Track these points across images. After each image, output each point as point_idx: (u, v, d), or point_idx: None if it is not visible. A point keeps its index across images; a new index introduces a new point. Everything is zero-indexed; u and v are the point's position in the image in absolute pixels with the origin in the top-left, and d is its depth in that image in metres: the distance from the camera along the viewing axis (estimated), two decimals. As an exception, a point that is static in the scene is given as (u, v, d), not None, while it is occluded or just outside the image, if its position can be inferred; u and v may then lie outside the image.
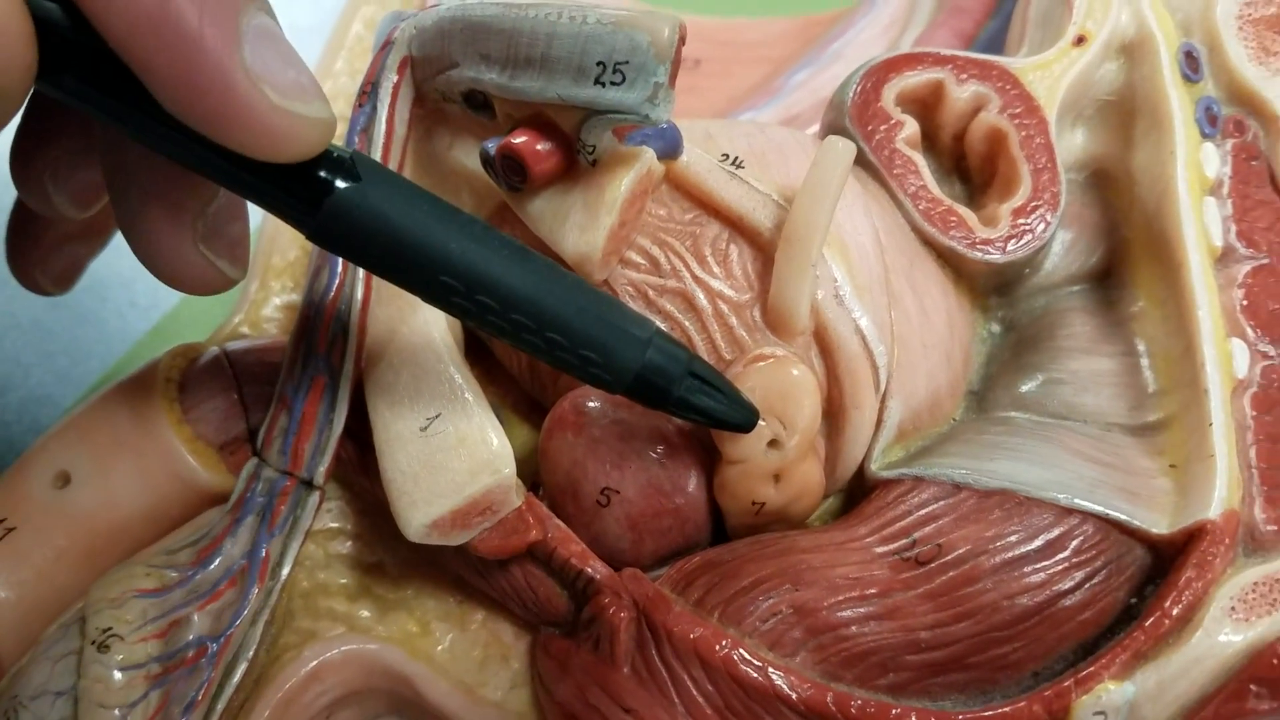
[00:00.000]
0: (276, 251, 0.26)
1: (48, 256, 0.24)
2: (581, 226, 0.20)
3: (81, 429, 0.23)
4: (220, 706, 0.21)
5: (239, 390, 0.23)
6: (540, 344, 0.19)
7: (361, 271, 0.22)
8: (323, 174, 0.18)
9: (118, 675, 0.19)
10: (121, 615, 0.20)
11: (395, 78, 0.22)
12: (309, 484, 0.22)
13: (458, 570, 0.22)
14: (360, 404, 0.22)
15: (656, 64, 0.19)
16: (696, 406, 0.20)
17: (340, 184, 0.18)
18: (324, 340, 0.22)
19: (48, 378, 0.34)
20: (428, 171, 0.23)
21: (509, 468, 0.20)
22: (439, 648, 0.23)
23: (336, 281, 0.22)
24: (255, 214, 0.22)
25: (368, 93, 0.22)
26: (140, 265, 0.21)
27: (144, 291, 0.36)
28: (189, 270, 0.20)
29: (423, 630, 0.23)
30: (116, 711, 0.19)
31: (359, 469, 0.23)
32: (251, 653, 0.21)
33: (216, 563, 0.21)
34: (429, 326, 0.22)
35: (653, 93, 0.19)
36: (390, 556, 0.23)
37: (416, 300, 0.23)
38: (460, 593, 0.23)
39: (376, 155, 0.22)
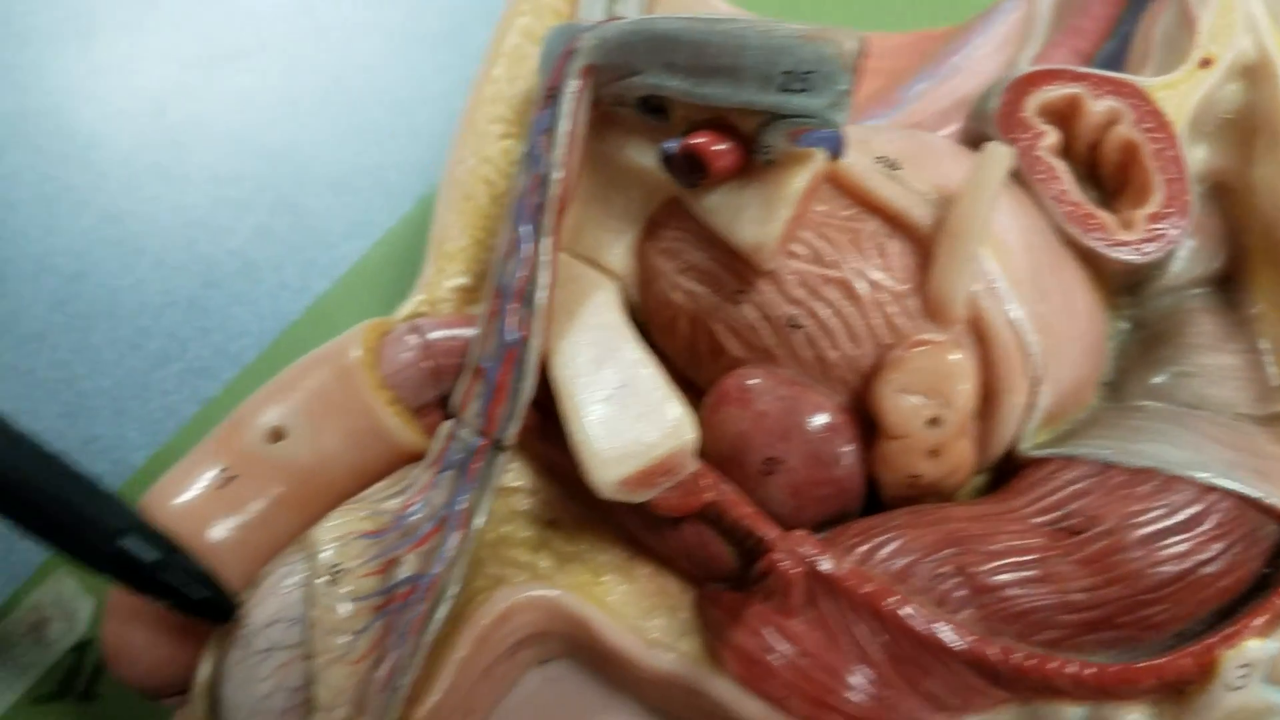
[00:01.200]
0: (449, 239, 0.28)
1: None
2: (759, 219, 0.22)
3: (292, 390, 0.25)
4: (427, 639, 0.23)
5: (432, 360, 0.25)
6: (26, 521, 0.21)
7: (545, 259, 0.24)
8: None
9: (348, 606, 0.22)
10: (347, 553, 0.22)
11: (578, 83, 0.24)
12: (499, 445, 0.24)
13: (629, 528, 0.25)
14: (544, 376, 0.24)
15: (843, 73, 0.21)
16: (171, 591, 0.22)
17: None
18: (515, 317, 0.24)
19: (205, 352, 0.37)
20: (597, 169, 0.25)
21: (691, 434, 0.22)
22: (610, 597, 0.25)
23: (525, 268, 0.24)
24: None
25: (551, 97, 0.24)
26: (289, 251, 0.24)
27: (293, 275, 0.38)
28: None
29: (596, 581, 0.25)
30: (349, 637, 0.22)
31: (539, 435, 0.25)
32: (453, 592, 0.23)
33: (422, 512, 0.24)
34: (607, 308, 0.25)
35: (836, 99, 0.21)
36: (565, 514, 0.26)
37: (595, 283, 0.25)
38: (629, 549, 0.25)
39: (559, 154, 0.24)
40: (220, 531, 0.23)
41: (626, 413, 0.23)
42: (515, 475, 0.25)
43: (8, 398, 0.36)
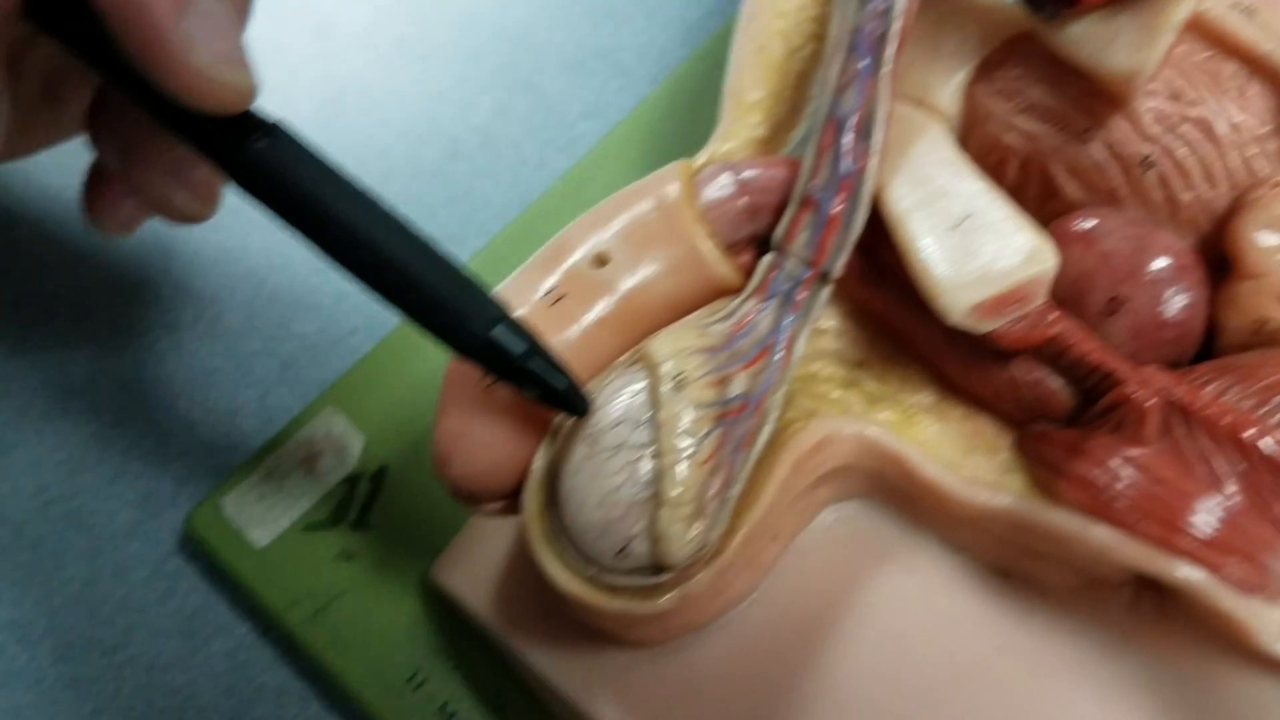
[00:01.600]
0: (746, 90, 0.29)
1: (115, 205, 0.29)
2: (1136, 45, 0.22)
3: (613, 220, 0.25)
4: (754, 454, 0.23)
5: (747, 197, 0.26)
6: (406, 302, 0.22)
7: (884, 92, 0.24)
8: (245, 131, 0.22)
9: (692, 411, 0.22)
10: (689, 364, 0.23)
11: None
12: (825, 276, 0.24)
13: (946, 368, 0.25)
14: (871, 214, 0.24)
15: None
16: (537, 381, 0.22)
17: (257, 142, 0.22)
18: (852, 149, 0.24)
19: (451, 221, 0.38)
20: (928, 8, 0.25)
21: (1052, 261, 0.22)
22: (923, 436, 0.25)
23: (861, 101, 0.24)
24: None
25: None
26: (528, 129, 0.25)
27: (532, 152, 0.39)
28: (156, 199, 0.25)
29: (908, 421, 0.25)
30: (693, 440, 0.22)
31: (856, 275, 0.25)
32: (775, 415, 0.24)
33: (749, 336, 0.24)
34: (941, 144, 0.25)
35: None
36: (873, 356, 0.26)
37: (924, 122, 0.26)
38: (940, 391, 0.25)
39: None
40: (553, 344, 0.24)
41: (974, 241, 0.23)
42: (824, 316, 0.26)
43: (261, 253, 0.37)
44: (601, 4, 0.41)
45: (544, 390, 0.23)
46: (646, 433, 0.22)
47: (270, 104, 0.39)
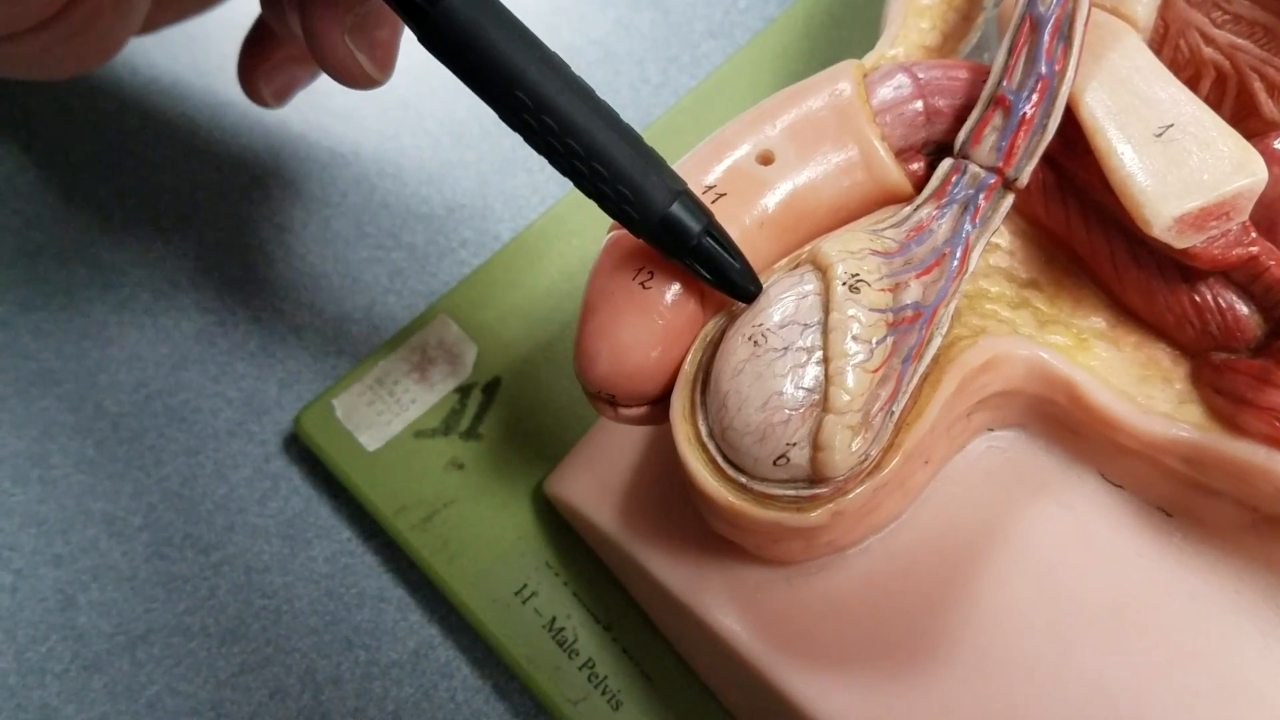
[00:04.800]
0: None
1: (272, 72, 0.29)
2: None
3: (780, 116, 0.24)
4: (922, 368, 0.22)
5: (924, 99, 0.24)
6: (585, 170, 0.21)
7: (1085, -3, 0.23)
8: None
9: (868, 314, 0.21)
10: (863, 266, 0.21)
11: None
12: (1010, 183, 0.23)
13: (1122, 289, 0.23)
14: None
15: None
16: (712, 260, 0.21)
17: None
18: (1049, 49, 0.23)
19: (567, 135, 0.37)
20: None
21: (1263, 172, 0.21)
22: (1094, 362, 0.23)
23: (1060, 0, 0.23)
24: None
25: None
26: (650, 46, 0.23)
27: (654, 71, 0.37)
28: (335, 59, 0.23)
29: (1079, 345, 0.24)
30: (866, 345, 0.21)
31: (1038, 188, 0.24)
32: (945, 329, 0.22)
33: (926, 243, 0.23)
34: (1137, 51, 0.23)
35: None
36: (1043, 276, 0.24)
37: (1119, 29, 0.24)
38: (1113, 316, 0.24)
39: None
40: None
41: (1178, 150, 0.21)
42: (996, 232, 0.24)
43: (372, 160, 0.36)
44: (731, -78, 0.39)
45: (717, 272, 0.21)
46: (815, 335, 0.21)
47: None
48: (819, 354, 0.21)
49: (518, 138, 0.36)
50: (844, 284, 0.21)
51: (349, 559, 0.30)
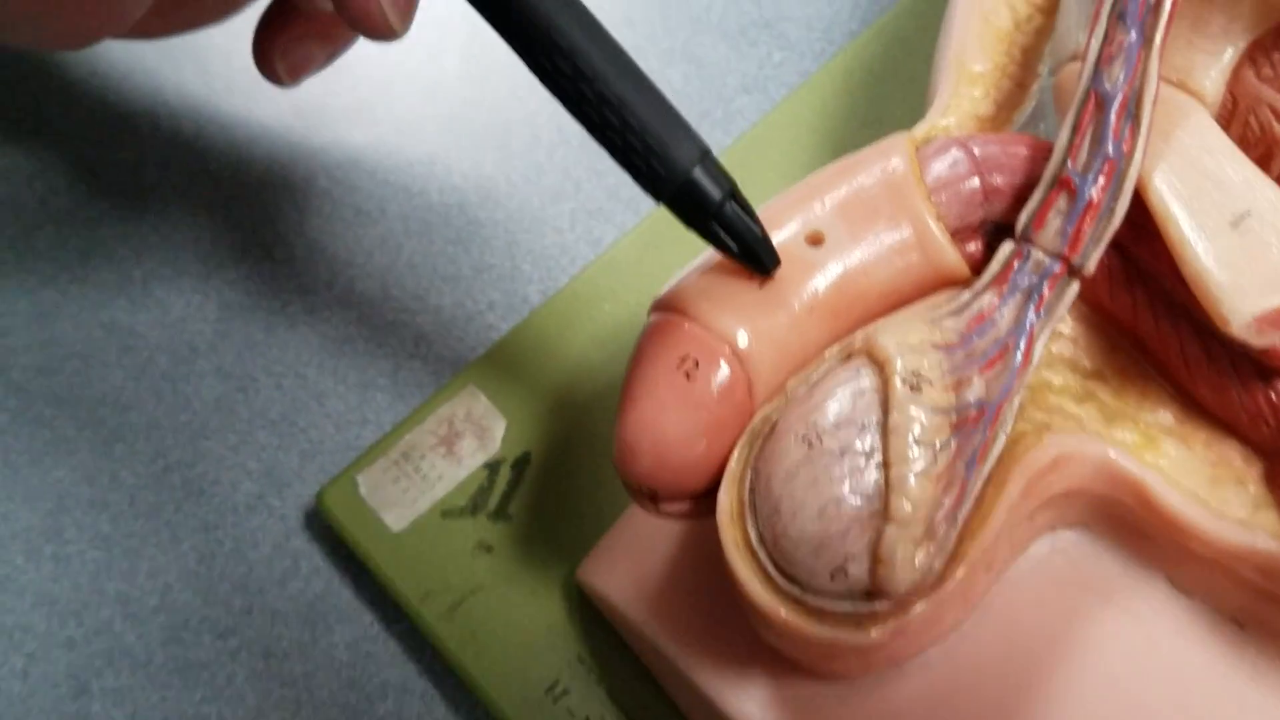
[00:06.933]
0: (971, 60, 0.26)
1: (289, 46, 0.28)
2: None
3: (829, 193, 0.23)
4: (986, 470, 0.21)
5: (981, 177, 0.23)
6: (615, 120, 0.21)
7: (1154, 69, 0.21)
8: None
9: (931, 415, 0.20)
10: (924, 362, 0.20)
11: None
12: (1076, 271, 0.22)
13: (1193, 383, 0.22)
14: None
15: None
16: (734, 228, 0.21)
17: None
18: (1117, 129, 0.21)
19: (598, 193, 0.36)
20: None
21: (1357, 269, 0.20)
22: (1163, 461, 0.22)
23: (1130, 76, 0.21)
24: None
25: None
26: (682, 101, 0.23)
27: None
28: (359, 2, 0.23)
29: (1147, 443, 0.22)
30: (929, 450, 0.20)
31: (1104, 274, 0.22)
32: (1009, 427, 0.21)
33: (988, 334, 0.21)
34: (1208, 130, 0.22)
35: None
36: (1108, 366, 0.23)
37: (1187, 105, 0.23)
38: (1179, 409, 0.22)
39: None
40: (754, 330, 0.22)
41: (1257, 242, 0.20)
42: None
43: (397, 218, 0.35)
44: (766, -28, 0.38)
45: (740, 240, 0.21)
46: (874, 437, 0.20)
47: (416, 61, 0.37)
48: (878, 457, 0.20)
49: (546, 195, 0.36)
50: (904, 382, 0.20)
51: (371, 645, 0.29)
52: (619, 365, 0.31)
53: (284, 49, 0.28)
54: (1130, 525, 0.23)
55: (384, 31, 0.24)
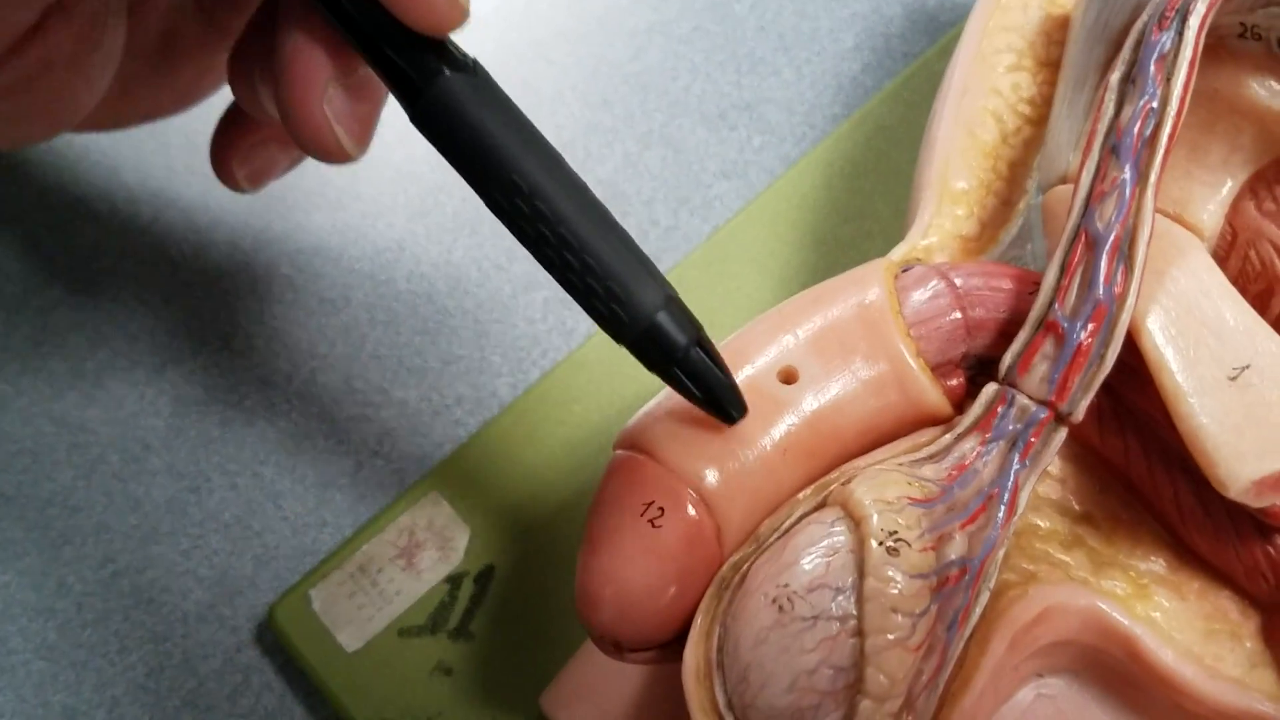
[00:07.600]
0: (955, 176, 0.25)
1: (250, 152, 0.27)
2: None
3: (802, 325, 0.22)
4: (968, 631, 0.20)
5: (963, 311, 0.22)
6: (575, 263, 0.20)
7: (1148, 208, 0.20)
8: (442, 61, 0.20)
9: (908, 582, 0.19)
10: (902, 520, 0.19)
11: (1204, 9, 0.21)
12: (1063, 419, 0.21)
13: (1190, 536, 0.21)
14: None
15: None
16: (699, 375, 0.20)
17: (452, 75, 0.20)
18: (1109, 271, 0.20)
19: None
20: (1197, 102, 0.22)
21: (1359, 433, 0.19)
22: (1155, 614, 0.21)
23: (1123, 216, 0.20)
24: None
25: (1169, 19, 0.21)
26: (659, 186, 0.22)
27: (664, 212, 0.35)
28: (311, 129, 0.22)
29: (1138, 592, 0.21)
30: (908, 619, 0.18)
31: (1094, 417, 0.21)
32: (993, 582, 0.20)
33: (970, 485, 0.20)
34: (1206, 270, 0.21)
35: None
36: (1098, 509, 0.22)
37: (1184, 242, 0.22)
38: (1172, 556, 0.21)
39: (1179, 82, 0.20)
40: (723, 473, 0.21)
41: (1255, 397, 0.19)
42: (1042, 457, 0.22)
43: (362, 307, 0.34)
44: (746, 53, 0.37)
45: (704, 388, 0.20)
46: (849, 603, 0.19)
47: (384, 144, 0.36)
48: (853, 623, 0.18)
49: (518, 283, 0.35)
50: (880, 543, 0.19)
51: (325, 769, 0.28)
52: (589, 471, 0.30)
53: (244, 155, 0.27)
54: (1120, 675, 0.21)
55: (338, 156, 0.23)
